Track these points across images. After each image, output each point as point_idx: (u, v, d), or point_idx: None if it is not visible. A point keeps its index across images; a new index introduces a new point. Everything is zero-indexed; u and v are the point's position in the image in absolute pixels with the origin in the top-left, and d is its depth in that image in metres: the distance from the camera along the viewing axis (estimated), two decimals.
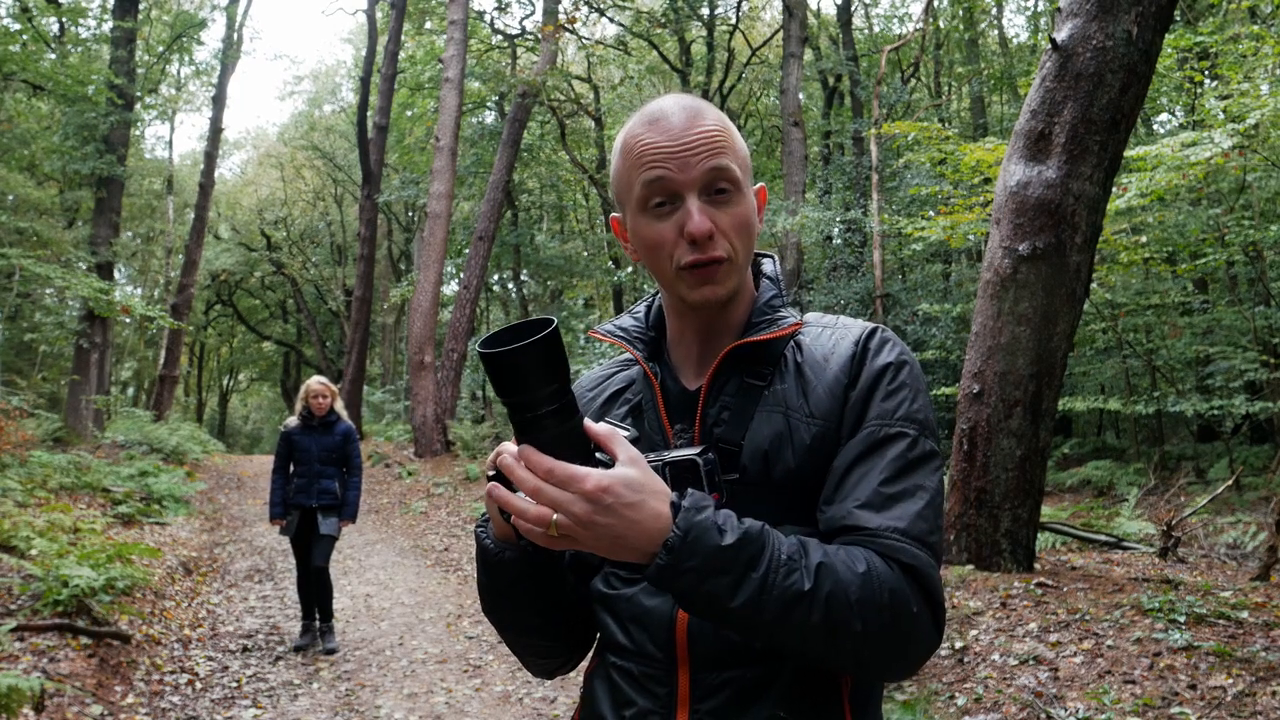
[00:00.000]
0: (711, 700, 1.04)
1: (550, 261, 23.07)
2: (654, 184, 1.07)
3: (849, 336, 1.13)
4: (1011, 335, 5.52)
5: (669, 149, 1.06)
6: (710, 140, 1.07)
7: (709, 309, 1.11)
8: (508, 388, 0.92)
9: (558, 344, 0.90)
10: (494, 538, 1.09)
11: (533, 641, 1.18)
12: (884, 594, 0.95)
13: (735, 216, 1.08)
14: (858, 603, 0.93)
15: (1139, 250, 10.61)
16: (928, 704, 3.93)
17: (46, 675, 4.22)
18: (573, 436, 0.94)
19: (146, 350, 32.08)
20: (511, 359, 0.89)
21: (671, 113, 1.09)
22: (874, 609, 0.94)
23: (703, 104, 1.12)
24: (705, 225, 1.05)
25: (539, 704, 4.81)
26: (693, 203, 1.06)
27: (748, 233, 1.10)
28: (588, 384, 1.28)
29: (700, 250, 1.06)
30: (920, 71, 21.83)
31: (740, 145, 1.11)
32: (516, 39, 21.23)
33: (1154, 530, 7.86)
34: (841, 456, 1.05)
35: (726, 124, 1.11)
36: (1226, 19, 11.98)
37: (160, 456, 14.33)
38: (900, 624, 0.96)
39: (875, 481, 1.02)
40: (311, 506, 5.97)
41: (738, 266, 1.09)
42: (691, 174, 1.06)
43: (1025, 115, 5.64)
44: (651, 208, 1.08)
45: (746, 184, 1.11)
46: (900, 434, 1.05)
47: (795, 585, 0.92)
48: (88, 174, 16.37)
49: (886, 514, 1.00)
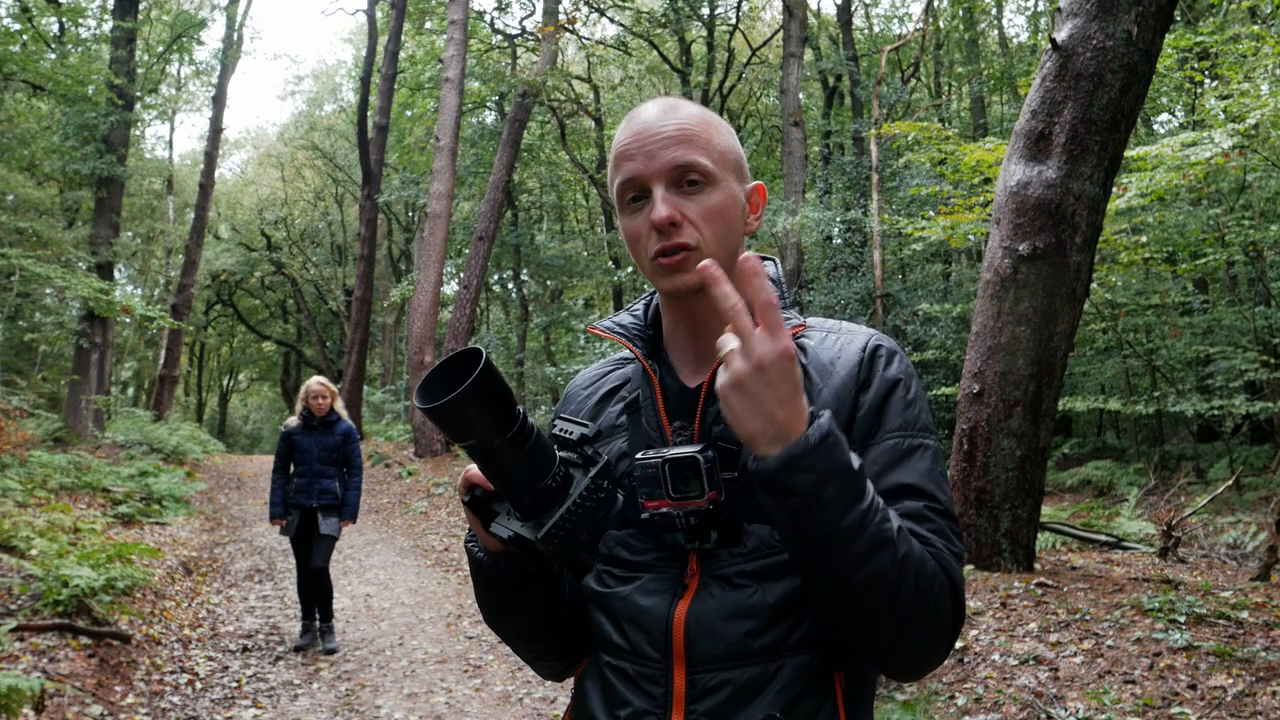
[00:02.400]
0: (707, 700, 1.04)
1: (550, 261, 23.06)
2: (627, 180, 1.10)
3: (855, 343, 1.14)
4: (1011, 335, 5.52)
5: (638, 144, 1.09)
6: (679, 133, 1.09)
7: (683, 297, 1.12)
8: (456, 435, 0.92)
9: (491, 377, 0.90)
10: (485, 549, 1.10)
11: (538, 645, 1.19)
12: (936, 583, 0.98)
13: (705, 206, 1.09)
14: (919, 577, 0.96)
15: (1139, 250, 10.61)
16: (928, 704, 3.93)
17: (46, 675, 4.22)
18: (535, 455, 0.96)
19: (146, 350, 32.09)
20: (448, 411, 0.89)
21: (647, 112, 1.12)
22: (929, 590, 0.97)
23: (682, 103, 1.13)
24: (664, 212, 1.06)
25: (539, 704, 4.81)
26: (658, 193, 1.07)
27: (721, 222, 1.10)
28: (582, 382, 1.29)
29: (665, 237, 1.08)
30: (920, 71, 21.83)
31: (719, 141, 1.12)
32: (516, 39, 21.22)
33: (1154, 530, 7.86)
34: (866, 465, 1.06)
35: (705, 119, 1.12)
36: (1226, 19, 11.98)
37: (160, 456, 14.33)
38: (940, 617, 0.99)
39: (914, 500, 1.04)
40: (312, 506, 5.98)
41: (710, 255, 1.08)
42: (655, 165, 1.08)
43: (1025, 115, 5.64)
44: (628, 203, 1.11)
45: (727, 178, 1.11)
46: (923, 445, 1.08)
47: (888, 531, 0.94)
48: (88, 174, 16.36)
49: (926, 528, 1.03)
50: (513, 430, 0.93)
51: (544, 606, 1.13)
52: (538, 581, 1.10)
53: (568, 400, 1.29)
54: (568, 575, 1.18)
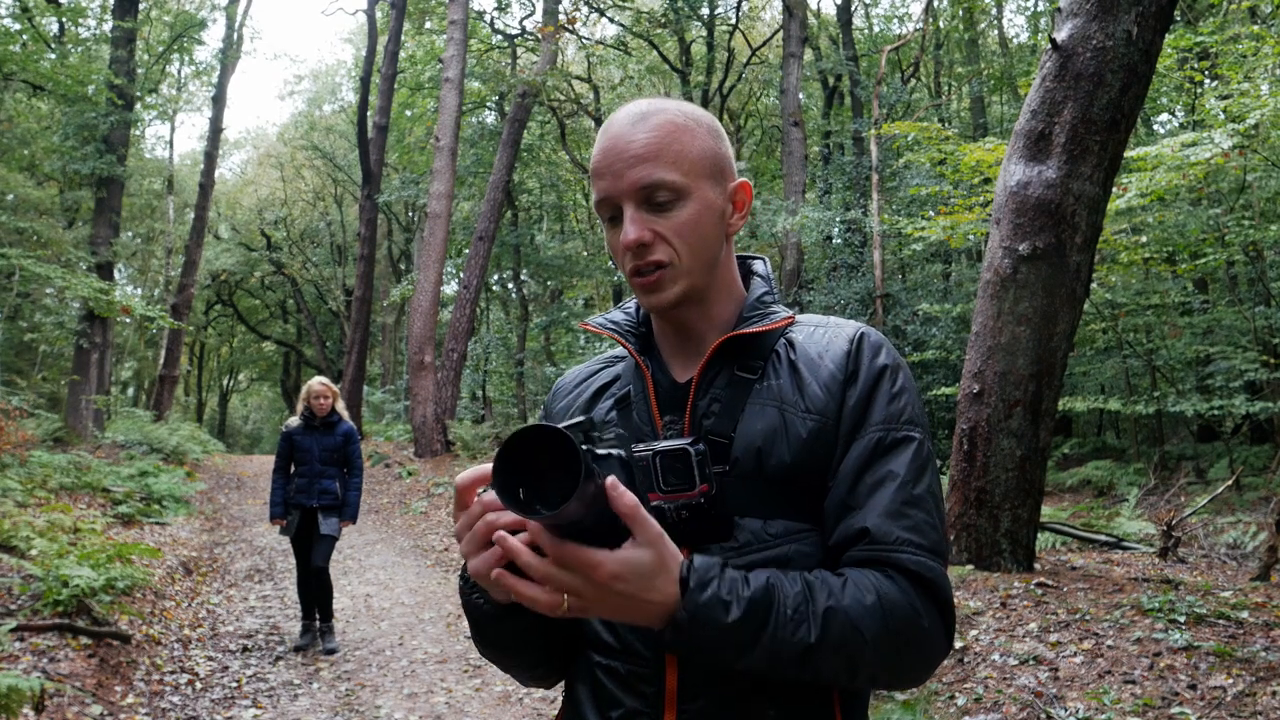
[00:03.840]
0: (700, 700, 1.03)
1: (550, 261, 23.07)
2: (600, 199, 1.10)
3: (842, 334, 1.14)
4: (1011, 335, 5.52)
5: (606, 162, 1.09)
6: (643, 151, 1.06)
7: (663, 312, 1.13)
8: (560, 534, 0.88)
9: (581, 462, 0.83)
10: (490, 601, 1.05)
11: (539, 672, 1.18)
12: (895, 621, 0.97)
13: (676, 222, 1.08)
14: (871, 638, 0.96)
15: (1139, 250, 10.61)
16: (928, 704, 3.93)
17: (46, 675, 4.22)
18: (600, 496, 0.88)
19: (146, 350, 32.08)
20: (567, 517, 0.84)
21: (615, 123, 1.10)
22: (888, 638, 0.97)
23: (654, 109, 1.10)
24: (632, 235, 1.06)
25: (539, 704, 4.81)
26: (628, 212, 1.07)
27: (695, 236, 1.09)
28: (572, 380, 1.28)
29: (637, 257, 1.08)
30: (920, 71, 21.81)
31: (693, 146, 1.09)
32: (516, 39, 21.22)
33: (1154, 530, 7.86)
34: (850, 459, 1.06)
35: (674, 126, 1.09)
36: (1226, 19, 11.97)
37: (160, 456, 14.33)
38: (914, 645, 0.99)
39: (890, 491, 1.03)
40: (312, 507, 5.98)
41: (686, 269, 1.09)
42: (622, 186, 1.07)
43: (1025, 115, 5.64)
44: (607, 221, 1.12)
45: (699, 185, 1.09)
46: (908, 438, 1.07)
47: (803, 639, 0.94)
48: (88, 174, 16.36)
49: (901, 525, 1.02)
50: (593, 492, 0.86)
51: (548, 643, 1.12)
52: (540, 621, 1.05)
53: (556, 397, 1.28)
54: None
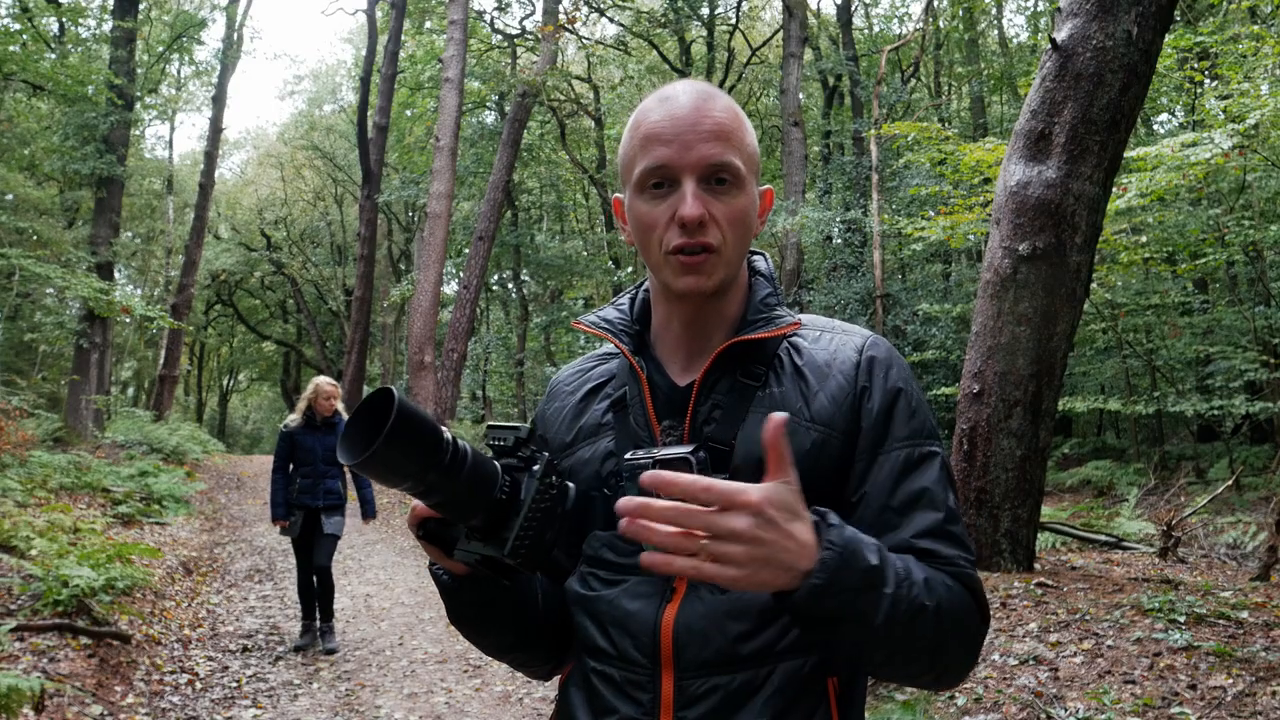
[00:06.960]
0: (696, 707, 1.01)
1: (550, 261, 23.07)
2: (656, 165, 1.05)
3: (850, 344, 1.11)
4: (1011, 335, 5.52)
5: (673, 131, 1.04)
6: (716, 128, 1.05)
7: (693, 299, 1.09)
8: (389, 482, 0.91)
9: (407, 417, 0.87)
10: (449, 573, 1.07)
11: (518, 655, 1.17)
12: (965, 609, 1.00)
13: (731, 208, 1.05)
14: (953, 617, 0.97)
15: (1139, 250, 10.62)
16: (927, 704, 3.93)
17: (46, 675, 4.22)
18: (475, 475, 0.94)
19: (146, 350, 32.09)
20: (374, 463, 0.87)
21: (682, 95, 1.07)
22: (963, 623, 0.99)
23: (717, 93, 1.09)
24: (697, 210, 1.02)
25: (539, 704, 4.81)
26: (689, 186, 1.03)
27: (743, 227, 1.07)
28: (566, 378, 1.26)
29: (689, 235, 1.04)
30: (920, 71, 21.82)
31: (749, 140, 1.09)
32: (516, 39, 21.22)
33: (1154, 530, 7.86)
34: (879, 477, 1.05)
35: (738, 116, 1.08)
36: (1226, 19, 11.97)
37: (160, 456, 14.33)
38: (976, 638, 1.01)
39: (929, 510, 1.03)
40: (316, 507, 5.96)
41: (726, 259, 1.06)
42: (690, 158, 1.03)
43: (1025, 115, 5.64)
44: (649, 188, 1.06)
45: (750, 180, 1.09)
46: (932, 453, 1.07)
47: (919, 599, 0.93)
48: (88, 174, 16.36)
49: (948, 544, 1.02)
50: (444, 460, 0.91)
51: (517, 619, 1.11)
52: (507, 595, 1.09)
53: (552, 396, 1.26)
54: (541, 581, 1.15)
